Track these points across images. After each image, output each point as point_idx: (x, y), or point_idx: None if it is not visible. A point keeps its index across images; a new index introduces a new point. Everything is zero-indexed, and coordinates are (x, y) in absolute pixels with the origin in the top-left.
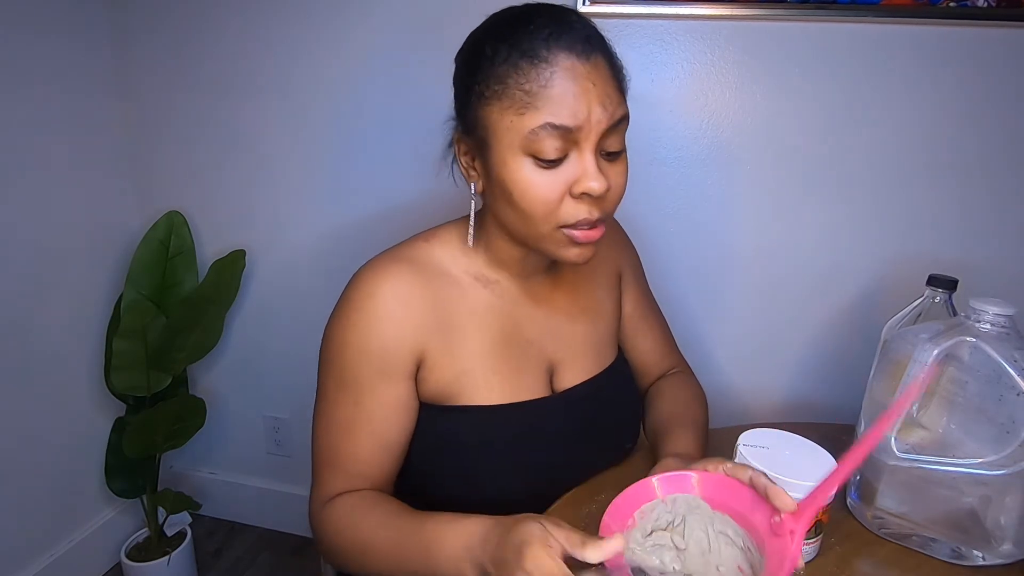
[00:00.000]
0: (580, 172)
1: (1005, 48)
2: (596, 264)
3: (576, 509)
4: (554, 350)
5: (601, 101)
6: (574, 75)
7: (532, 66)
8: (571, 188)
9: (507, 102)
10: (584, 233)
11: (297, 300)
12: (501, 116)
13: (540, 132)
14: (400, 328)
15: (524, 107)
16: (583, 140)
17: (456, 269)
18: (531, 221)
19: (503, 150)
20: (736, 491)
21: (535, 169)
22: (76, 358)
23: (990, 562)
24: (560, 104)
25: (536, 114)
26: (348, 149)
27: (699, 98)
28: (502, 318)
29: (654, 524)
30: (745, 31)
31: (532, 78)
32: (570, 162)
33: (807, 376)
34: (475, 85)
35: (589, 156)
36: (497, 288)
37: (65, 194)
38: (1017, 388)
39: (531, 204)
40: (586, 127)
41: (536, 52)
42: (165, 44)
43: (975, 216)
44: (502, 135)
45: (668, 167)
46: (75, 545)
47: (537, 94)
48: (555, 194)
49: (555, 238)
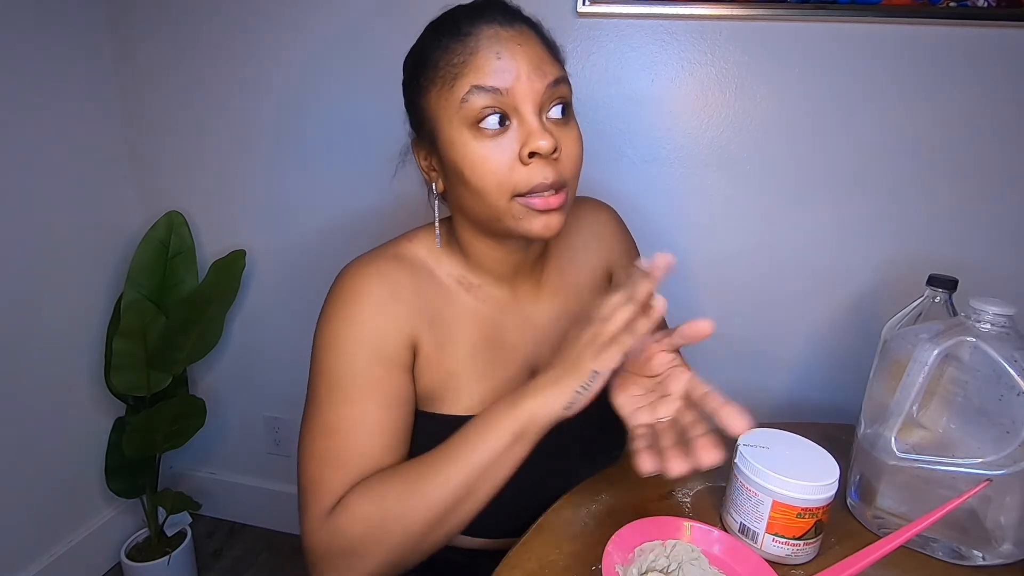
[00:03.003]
0: (525, 134)
1: (1005, 48)
2: (581, 266)
3: (576, 509)
4: (539, 356)
5: (531, 61)
6: (498, 39)
7: (458, 41)
8: (520, 153)
9: (439, 82)
10: (543, 200)
11: (297, 300)
12: (438, 98)
13: (469, 97)
14: (394, 318)
15: (453, 79)
16: (521, 103)
17: (440, 271)
18: (486, 197)
19: (447, 131)
20: (744, 556)
21: (479, 141)
22: (76, 358)
23: (990, 562)
24: (484, 66)
25: (463, 80)
26: (349, 149)
27: (699, 98)
28: (485, 323)
29: (650, 565)
30: (745, 31)
31: (458, 51)
32: (513, 128)
33: (807, 376)
34: (414, 79)
35: (532, 117)
36: (480, 293)
37: (65, 194)
38: (1017, 388)
39: (482, 177)
40: (518, 88)
41: (459, 28)
42: (165, 45)
43: (975, 216)
44: (442, 116)
45: (668, 167)
46: (75, 545)
47: (463, 63)
48: (504, 162)
49: (513, 210)
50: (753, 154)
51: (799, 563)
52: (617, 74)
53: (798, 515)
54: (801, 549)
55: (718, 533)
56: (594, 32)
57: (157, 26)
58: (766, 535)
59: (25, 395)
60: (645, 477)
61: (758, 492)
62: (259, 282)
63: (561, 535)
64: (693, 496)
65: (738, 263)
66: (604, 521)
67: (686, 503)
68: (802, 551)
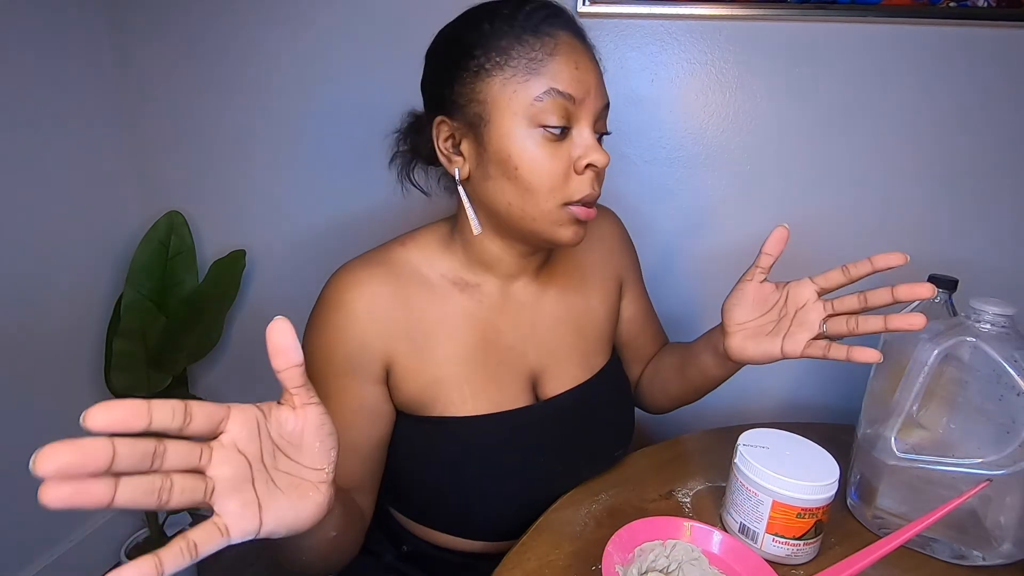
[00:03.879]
0: (584, 146)
1: (1005, 48)
2: (590, 269)
3: (576, 509)
4: (537, 357)
5: (598, 80)
6: (575, 50)
7: (537, 38)
8: (575, 163)
9: (510, 72)
10: (585, 210)
11: (297, 300)
12: (504, 86)
13: (545, 98)
14: (365, 332)
15: (529, 74)
16: (583, 115)
17: (432, 273)
18: (535, 197)
19: (506, 122)
20: (744, 556)
21: (542, 141)
22: (76, 358)
23: (990, 562)
24: (564, 72)
25: (541, 80)
26: (349, 148)
27: (699, 98)
28: (479, 324)
29: (650, 565)
30: (745, 31)
31: (537, 48)
32: (572, 137)
33: (807, 376)
34: (470, 60)
35: (589, 132)
36: (476, 293)
37: (65, 194)
38: (1017, 388)
39: (539, 177)
40: (587, 101)
41: (538, 28)
42: (166, 45)
43: (975, 216)
44: (505, 106)
45: (668, 167)
46: (75, 545)
47: (543, 61)
48: (562, 167)
49: (556, 216)
50: (753, 154)
51: (799, 563)
52: (617, 74)
53: (798, 515)
54: (801, 549)
55: (718, 533)
56: (594, 32)
57: (158, 27)
58: (766, 535)
59: (25, 395)
60: (646, 476)
61: (758, 492)
62: (259, 282)
63: (561, 535)
64: (693, 496)
65: (738, 263)
66: (604, 521)
67: (686, 503)
68: (802, 551)
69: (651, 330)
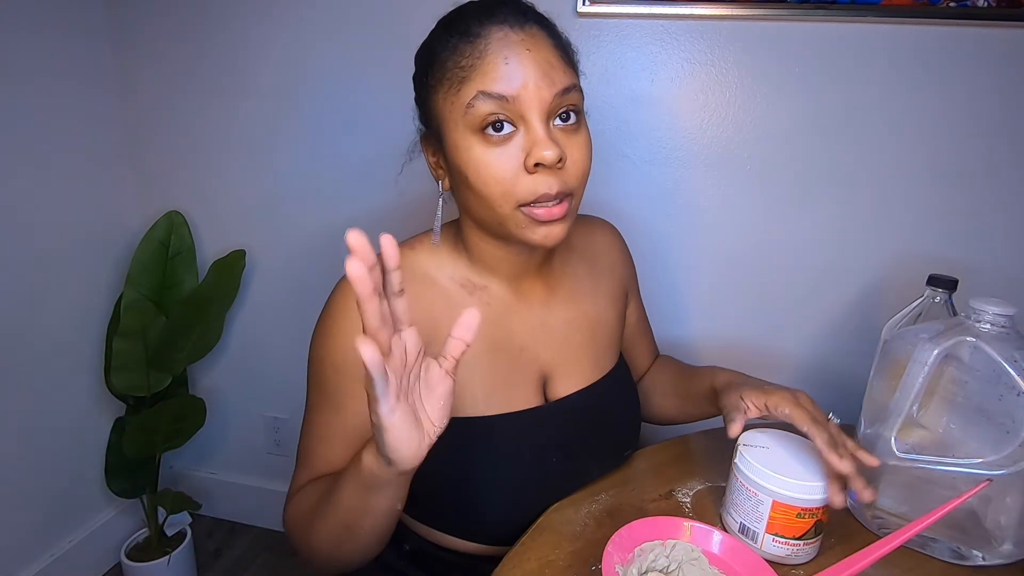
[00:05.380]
0: (530, 143)
1: (1005, 48)
2: (600, 275)
3: (576, 509)
4: (548, 357)
5: (540, 67)
6: (507, 43)
7: (468, 43)
8: (525, 162)
9: (447, 84)
10: (546, 210)
11: (297, 300)
12: (444, 99)
13: (475, 103)
14: None
15: (460, 83)
16: (528, 110)
17: (442, 276)
18: (490, 203)
19: (453, 134)
20: (744, 556)
21: (485, 147)
22: (76, 358)
23: (990, 562)
24: (492, 71)
25: (470, 85)
26: (349, 148)
27: (699, 98)
28: (491, 326)
29: (650, 565)
30: (745, 31)
31: (467, 54)
32: (519, 136)
33: (807, 376)
34: (424, 77)
35: (538, 125)
36: (485, 294)
37: (65, 194)
38: (1017, 388)
39: (486, 184)
40: (525, 95)
41: (469, 30)
42: (165, 44)
43: (975, 216)
44: (448, 119)
45: (668, 167)
46: (75, 545)
47: (471, 67)
48: (509, 170)
49: (516, 219)
50: (753, 154)
51: (799, 563)
52: (617, 74)
53: (798, 515)
54: (801, 549)
55: (718, 533)
56: (594, 32)
57: (158, 27)
58: (766, 535)
59: (25, 395)
60: (646, 476)
61: (758, 492)
62: (259, 282)
63: (561, 535)
64: (693, 496)
65: (738, 263)
66: (604, 521)
67: (686, 503)
68: (802, 551)
69: (646, 341)
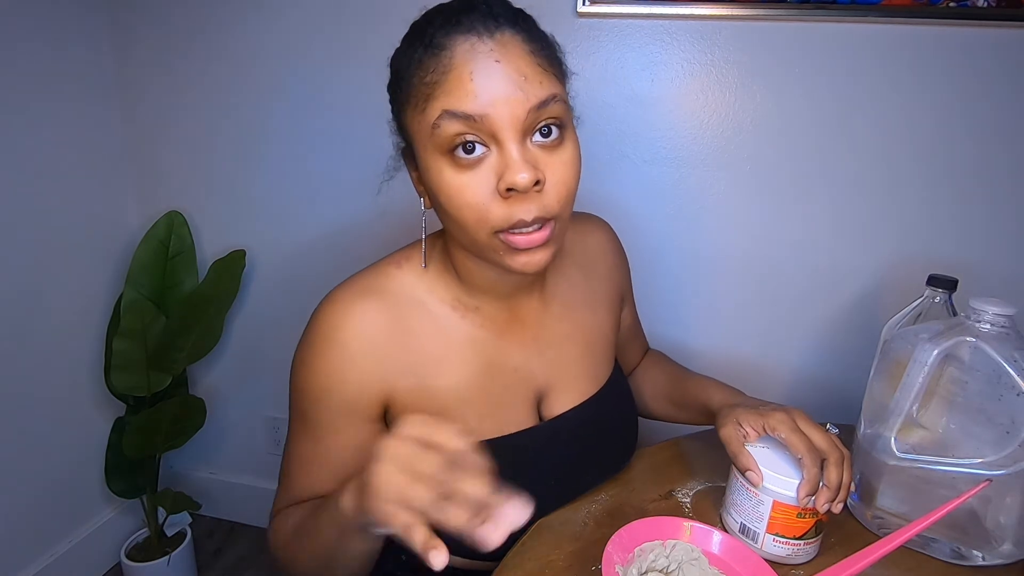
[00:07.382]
0: (503, 166)
1: (1005, 48)
2: (597, 284)
3: (576, 509)
4: (543, 375)
5: (511, 80)
6: (473, 54)
7: (431, 56)
8: (497, 187)
9: (413, 101)
10: (525, 237)
11: (297, 300)
12: (412, 118)
13: (440, 123)
14: (364, 372)
15: (425, 101)
16: (499, 129)
17: (431, 298)
18: (466, 229)
19: (424, 154)
20: (744, 556)
21: (455, 171)
22: (76, 358)
23: (990, 562)
24: (457, 88)
25: (435, 104)
26: (348, 149)
27: (699, 98)
28: (483, 348)
29: (650, 565)
30: (745, 31)
31: (431, 68)
32: (492, 157)
33: (807, 376)
34: (396, 92)
35: (512, 146)
36: (477, 316)
37: (65, 194)
38: (1017, 388)
39: (459, 210)
40: (495, 113)
41: (433, 41)
42: (166, 45)
43: (975, 216)
44: (417, 138)
45: (668, 167)
46: (75, 545)
47: (435, 83)
48: (480, 196)
49: (494, 245)
50: (753, 154)
51: (799, 563)
52: (617, 74)
53: (798, 515)
54: (801, 549)
55: (718, 533)
56: (594, 32)
57: (158, 28)
58: (766, 535)
59: (25, 395)
60: (646, 476)
61: (758, 492)
62: (259, 282)
63: (561, 535)
64: (693, 496)
65: (738, 263)
66: (604, 521)
67: (686, 503)
68: (802, 551)
69: (638, 341)
